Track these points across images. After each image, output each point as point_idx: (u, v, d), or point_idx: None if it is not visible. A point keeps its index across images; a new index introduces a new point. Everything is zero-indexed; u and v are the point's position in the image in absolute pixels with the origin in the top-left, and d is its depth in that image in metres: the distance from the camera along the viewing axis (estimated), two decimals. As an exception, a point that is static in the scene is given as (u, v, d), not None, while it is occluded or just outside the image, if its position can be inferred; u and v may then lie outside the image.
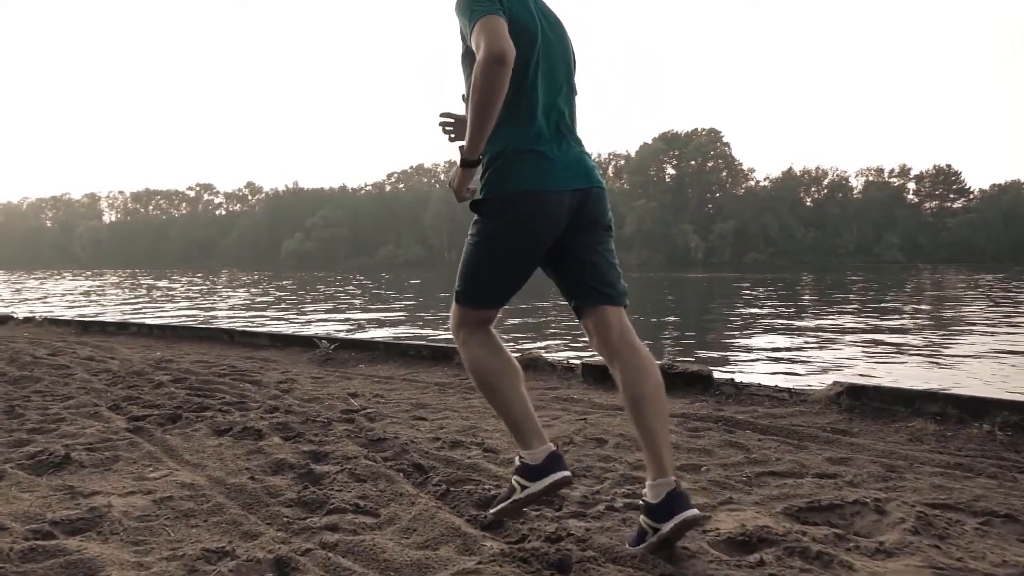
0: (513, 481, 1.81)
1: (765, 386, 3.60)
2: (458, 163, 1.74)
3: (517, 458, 1.83)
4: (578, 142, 1.85)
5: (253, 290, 27.23)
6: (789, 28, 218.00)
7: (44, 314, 8.26)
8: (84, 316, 12.88)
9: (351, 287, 28.41)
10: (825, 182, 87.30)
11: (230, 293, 25.09)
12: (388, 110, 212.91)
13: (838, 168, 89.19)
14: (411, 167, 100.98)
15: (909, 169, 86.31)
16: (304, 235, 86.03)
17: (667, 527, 1.68)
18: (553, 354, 5.93)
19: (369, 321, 13.46)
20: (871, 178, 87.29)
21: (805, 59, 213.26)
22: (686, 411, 3.21)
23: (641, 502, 1.76)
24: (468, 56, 1.75)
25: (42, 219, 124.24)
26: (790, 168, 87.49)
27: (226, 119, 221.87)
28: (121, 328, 7.02)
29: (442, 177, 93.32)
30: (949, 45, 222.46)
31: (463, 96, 1.84)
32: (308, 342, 5.53)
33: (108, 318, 8.89)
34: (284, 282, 33.23)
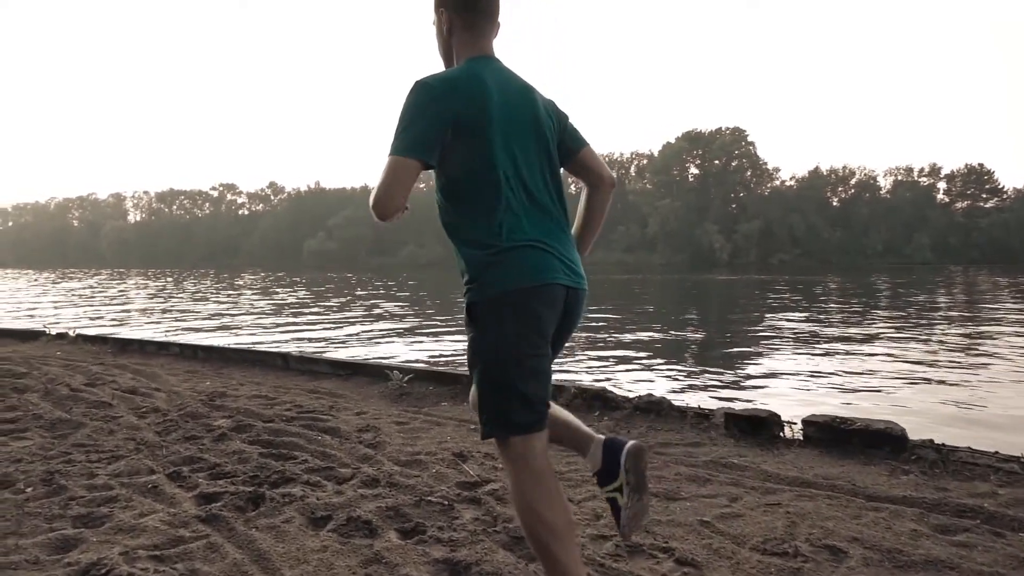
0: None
1: (980, 452, 2.88)
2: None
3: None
4: (564, 232, 1.73)
5: (282, 291, 26.78)
6: (816, 25, 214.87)
7: (77, 329, 7.69)
8: (119, 332, 12.39)
9: (380, 287, 27.88)
10: (852, 182, 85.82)
11: (258, 297, 24.66)
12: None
13: (866, 167, 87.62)
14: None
15: (940, 168, 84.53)
16: (326, 235, 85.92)
17: (622, 473, 1.69)
18: (676, 396, 5.22)
19: (421, 333, 12.84)
20: (900, 177, 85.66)
21: (832, 57, 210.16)
22: (906, 494, 2.50)
23: (595, 486, 1.75)
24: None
25: (69, 219, 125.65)
26: (816, 167, 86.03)
27: (249, 120, 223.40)
28: (162, 348, 6.43)
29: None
30: (981, 41, 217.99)
31: None
32: (376, 371, 4.88)
33: (147, 335, 8.30)
34: (323, 288, 32.79)
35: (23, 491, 2.57)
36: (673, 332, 12.38)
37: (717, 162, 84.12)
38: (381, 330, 12.81)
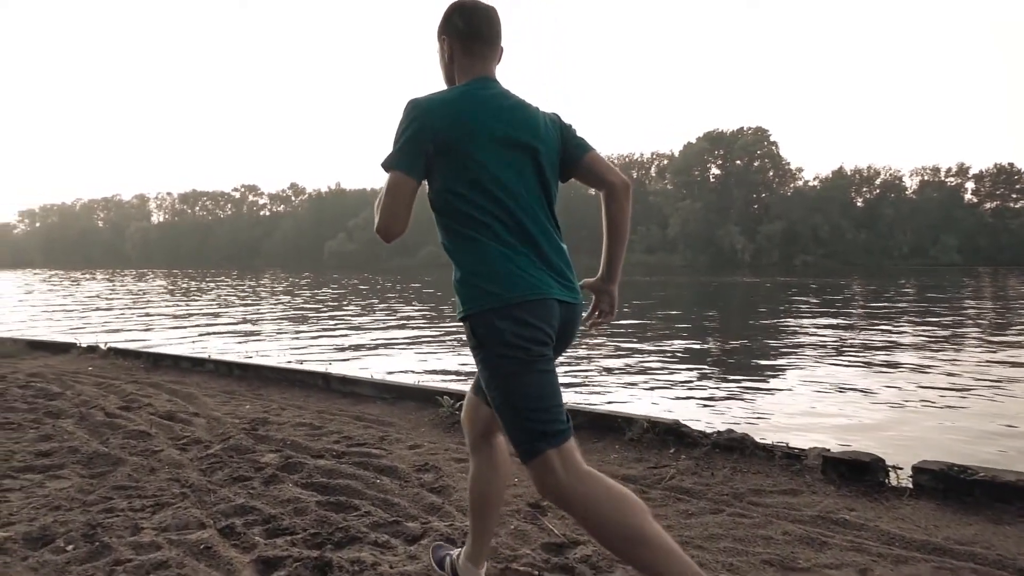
0: None
1: None
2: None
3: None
4: (559, 249, 1.73)
5: (307, 295, 26.70)
6: (841, 22, 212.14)
7: (108, 342, 7.52)
8: (150, 341, 12.30)
9: (402, 289, 27.70)
10: (877, 182, 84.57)
11: (284, 302, 24.59)
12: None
13: (891, 167, 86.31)
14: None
15: (968, 168, 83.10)
16: (346, 236, 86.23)
17: None
18: (760, 433, 4.92)
19: (452, 343, 12.59)
20: (926, 177, 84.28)
21: (857, 55, 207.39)
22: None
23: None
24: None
25: (94, 219, 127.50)
26: (840, 167, 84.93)
27: (270, 122, 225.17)
28: (196, 365, 6.22)
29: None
30: (1011, 38, 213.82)
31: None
32: (423, 395, 4.62)
33: (181, 350, 8.11)
34: (347, 291, 32.72)
35: (64, 549, 2.33)
36: (698, 340, 12.01)
37: (739, 162, 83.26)
38: (408, 338, 12.57)
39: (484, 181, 1.65)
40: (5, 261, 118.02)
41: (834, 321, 15.12)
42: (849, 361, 9.45)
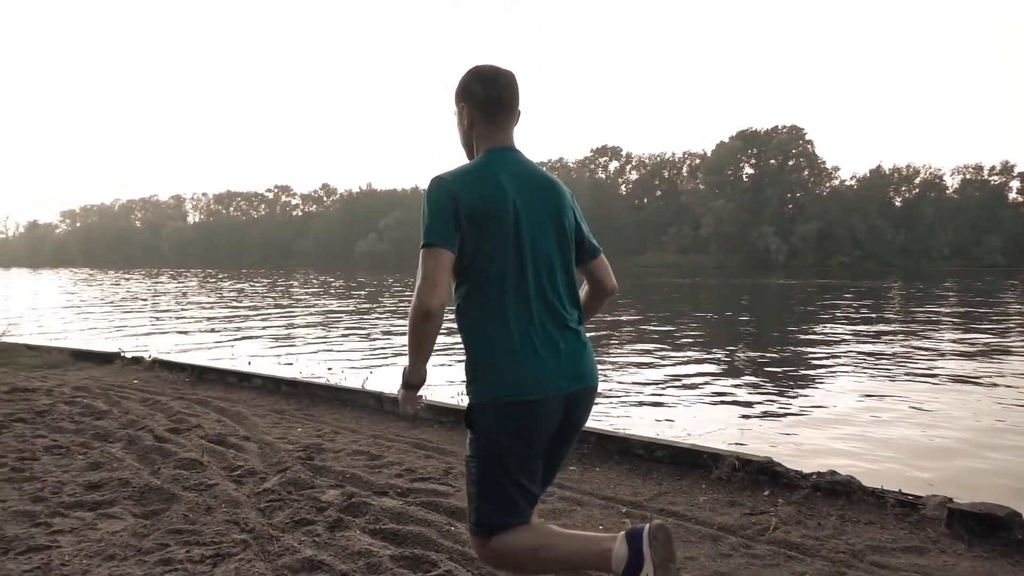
0: None
1: None
2: (401, 383, 1.76)
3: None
4: (573, 330, 1.75)
5: (340, 297, 26.71)
6: (878, 19, 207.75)
7: (151, 350, 7.42)
8: (195, 348, 12.28)
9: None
10: (917, 181, 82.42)
11: (320, 307, 24.60)
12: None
13: (931, 166, 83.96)
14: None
15: (1013, 166, 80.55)
16: (377, 236, 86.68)
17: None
18: (864, 469, 4.59)
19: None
20: (969, 176, 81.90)
21: (895, 51, 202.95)
22: None
23: None
24: None
25: (132, 220, 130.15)
26: (879, 166, 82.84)
27: (303, 123, 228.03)
28: (243, 380, 6.05)
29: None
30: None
31: None
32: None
33: (228, 364, 8.00)
34: (381, 293, 32.76)
35: (121, 613, 2.11)
36: (735, 348, 11.59)
37: (773, 161, 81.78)
38: (457, 345, 12.35)
39: (507, 259, 1.66)
40: (48, 260, 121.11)
41: (878, 327, 14.52)
42: (899, 373, 8.99)
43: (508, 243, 1.66)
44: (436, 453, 3.92)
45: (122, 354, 7.27)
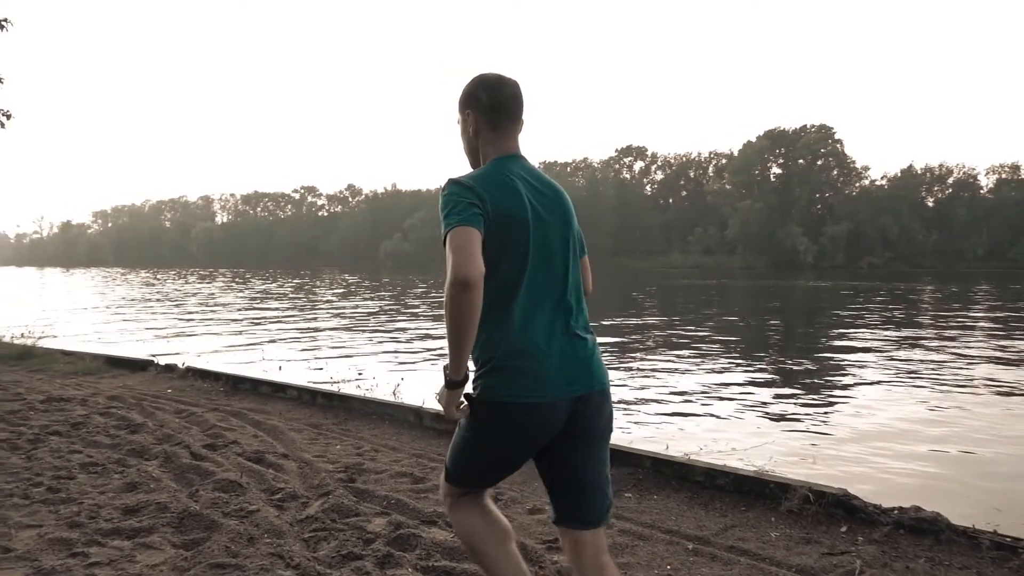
0: None
1: None
2: (444, 383, 1.68)
3: None
4: (581, 335, 1.74)
5: (367, 300, 26.71)
6: (908, 15, 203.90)
7: (187, 362, 7.34)
8: (227, 356, 12.27)
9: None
10: (950, 181, 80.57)
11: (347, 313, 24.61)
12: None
13: (964, 165, 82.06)
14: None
15: (1051, 165, 78.34)
16: (402, 236, 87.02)
17: None
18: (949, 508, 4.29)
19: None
20: (1004, 176, 79.85)
21: (927, 48, 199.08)
22: None
23: None
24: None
25: (162, 220, 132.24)
26: (910, 166, 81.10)
27: (329, 123, 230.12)
28: (277, 390, 5.93)
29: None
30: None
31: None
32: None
33: (261, 373, 7.91)
34: (407, 296, 32.76)
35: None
36: (766, 356, 11.26)
37: (801, 161, 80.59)
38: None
39: (523, 252, 1.67)
40: (80, 260, 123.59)
41: (918, 332, 14.05)
42: (949, 383, 8.62)
43: (527, 247, 1.67)
44: (483, 476, 3.74)
45: (155, 361, 7.20)
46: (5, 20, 8.44)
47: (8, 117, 9.07)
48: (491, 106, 1.79)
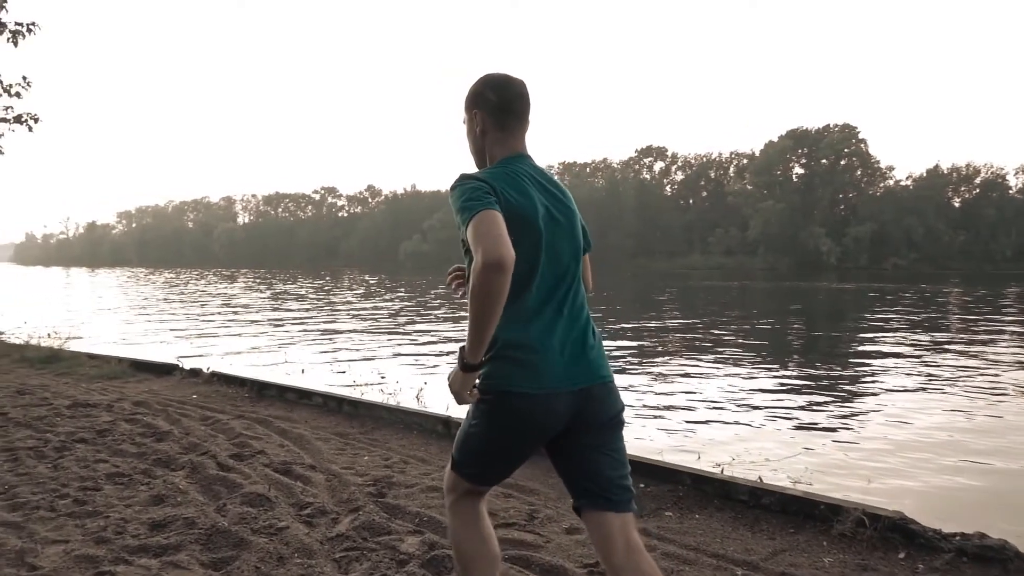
0: None
1: None
2: (457, 364, 1.67)
3: None
4: (583, 329, 1.76)
5: (387, 301, 26.71)
6: (935, 11, 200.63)
7: (212, 367, 7.31)
8: (253, 361, 12.30)
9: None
10: (977, 180, 79.07)
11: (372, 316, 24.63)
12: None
13: (992, 165, 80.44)
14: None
15: (1084, 165, 76.70)
16: (421, 237, 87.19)
17: None
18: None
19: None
20: (1034, 175, 78.26)
21: (952, 45, 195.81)
22: None
23: None
24: (469, 252, 1.64)
25: (185, 220, 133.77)
26: (936, 165, 79.69)
27: (348, 125, 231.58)
28: (303, 397, 5.86)
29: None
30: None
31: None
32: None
33: (287, 379, 7.87)
34: (425, 298, 32.78)
35: None
36: (792, 361, 11.01)
37: (824, 161, 79.58)
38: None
39: (535, 249, 1.69)
40: (105, 260, 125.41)
41: (950, 335, 13.69)
42: (987, 391, 8.35)
43: (537, 245, 1.69)
44: (516, 492, 3.63)
45: (181, 366, 7.17)
46: (33, 24, 8.48)
47: (36, 121, 9.11)
48: (499, 106, 1.80)
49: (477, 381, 1.71)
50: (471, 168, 1.91)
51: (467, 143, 1.90)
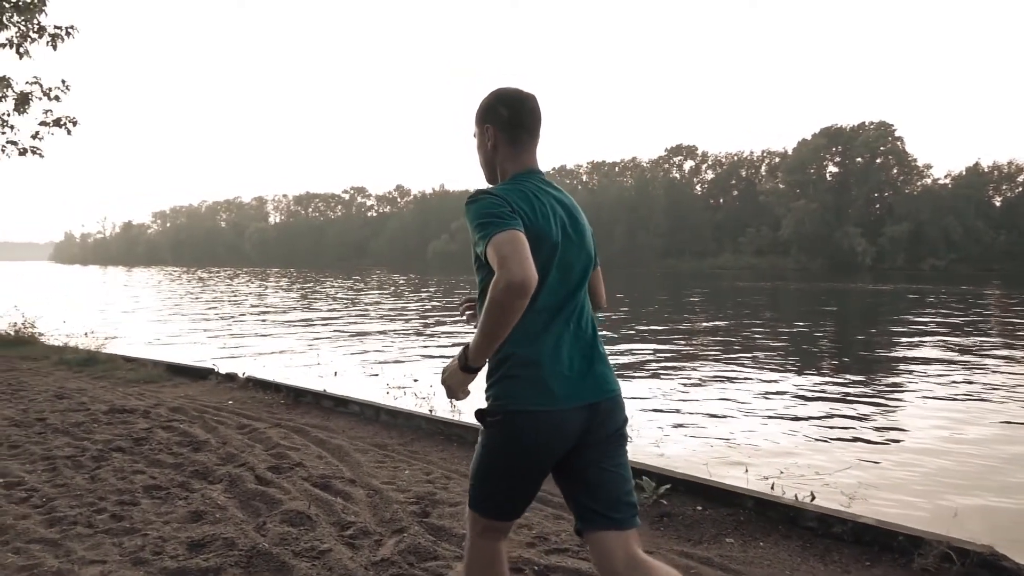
0: None
1: None
2: (457, 363, 1.65)
3: None
4: (592, 347, 1.75)
5: (415, 301, 26.72)
6: (974, 4, 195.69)
7: (247, 371, 7.25)
8: (288, 364, 12.30)
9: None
10: (1020, 178, 76.80)
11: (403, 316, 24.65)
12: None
13: (1035, 162, 78.05)
14: (552, 169, 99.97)
15: None
16: (449, 237, 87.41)
17: None
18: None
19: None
20: (1080, 172, 75.85)
21: (992, 39, 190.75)
22: None
23: None
24: (484, 267, 1.67)
25: (217, 220, 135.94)
26: (976, 163, 77.58)
27: (379, 125, 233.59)
28: (339, 404, 5.76)
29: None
30: None
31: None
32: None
33: (319, 381, 7.80)
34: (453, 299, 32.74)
35: None
36: (831, 369, 10.64)
37: (860, 159, 77.95)
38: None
39: (547, 265, 1.67)
40: (141, 259, 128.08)
41: (1003, 339, 13.14)
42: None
43: (551, 262, 1.68)
44: (567, 513, 3.45)
45: (216, 370, 7.13)
46: (71, 27, 8.53)
47: (74, 124, 9.19)
48: (511, 121, 1.80)
49: (482, 407, 1.70)
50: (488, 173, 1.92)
51: (478, 157, 1.89)
